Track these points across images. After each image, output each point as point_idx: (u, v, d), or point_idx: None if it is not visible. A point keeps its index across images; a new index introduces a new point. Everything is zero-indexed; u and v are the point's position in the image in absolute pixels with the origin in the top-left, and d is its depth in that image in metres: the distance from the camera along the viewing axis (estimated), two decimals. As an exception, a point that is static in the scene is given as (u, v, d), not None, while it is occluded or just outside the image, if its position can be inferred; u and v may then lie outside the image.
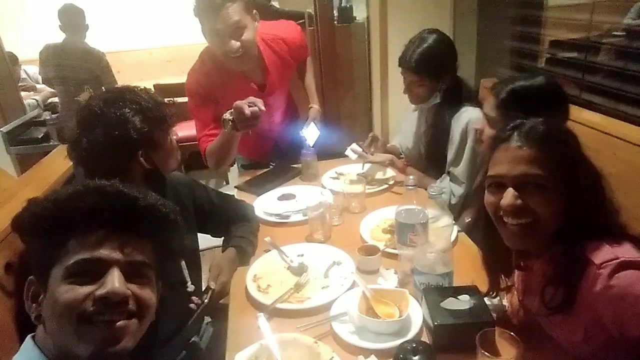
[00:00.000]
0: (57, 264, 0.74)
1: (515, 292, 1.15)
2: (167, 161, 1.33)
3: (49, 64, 3.53)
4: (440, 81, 1.80)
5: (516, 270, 1.11)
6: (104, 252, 0.74)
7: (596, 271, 0.85)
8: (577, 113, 1.84)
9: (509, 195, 0.93)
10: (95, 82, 3.69)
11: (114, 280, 0.72)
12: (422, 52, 1.78)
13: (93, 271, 0.73)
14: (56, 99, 4.12)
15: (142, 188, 0.84)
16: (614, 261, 0.84)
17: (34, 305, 0.77)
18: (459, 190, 1.76)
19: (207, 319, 1.51)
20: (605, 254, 0.86)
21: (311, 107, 2.27)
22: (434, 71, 1.79)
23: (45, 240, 0.76)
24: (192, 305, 1.23)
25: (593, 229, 0.91)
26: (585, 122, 1.74)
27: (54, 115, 3.35)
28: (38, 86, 4.53)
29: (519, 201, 0.92)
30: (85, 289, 0.72)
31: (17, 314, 1.08)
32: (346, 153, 1.97)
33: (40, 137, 3.28)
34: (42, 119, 3.52)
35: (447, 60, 1.81)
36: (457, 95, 1.83)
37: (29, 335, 0.78)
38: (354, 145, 1.96)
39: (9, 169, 2.94)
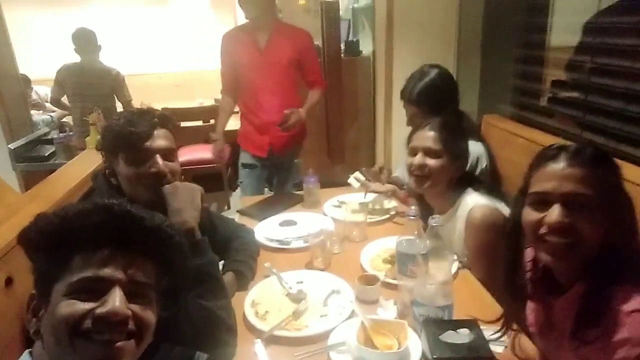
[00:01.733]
0: (60, 280, 0.74)
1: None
2: (129, 183, 1.25)
3: (68, 82, 3.67)
4: (442, 114, 1.83)
5: (530, 305, 1.10)
6: (108, 271, 0.74)
7: (623, 319, 0.84)
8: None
9: (557, 212, 0.91)
10: (111, 97, 3.80)
11: (115, 300, 0.72)
12: (423, 85, 1.86)
13: (95, 289, 0.73)
14: (65, 119, 4.21)
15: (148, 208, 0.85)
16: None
17: (34, 319, 0.76)
18: None
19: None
20: (636, 300, 0.85)
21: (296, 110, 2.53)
22: (435, 104, 1.85)
23: (49, 255, 0.76)
24: None
25: (624, 264, 0.90)
26: None
27: (62, 134, 3.40)
28: (48, 105, 4.61)
29: (567, 219, 0.91)
30: (86, 306, 0.71)
31: (16, 329, 1.07)
32: (349, 181, 1.99)
33: (47, 154, 3.31)
34: (50, 137, 3.57)
35: (448, 93, 1.88)
36: (458, 127, 1.86)
37: (27, 351, 0.77)
38: (357, 174, 1.98)
39: (13, 185, 2.96)
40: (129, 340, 0.74)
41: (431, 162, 1.56)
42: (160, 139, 1.26)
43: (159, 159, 1.24)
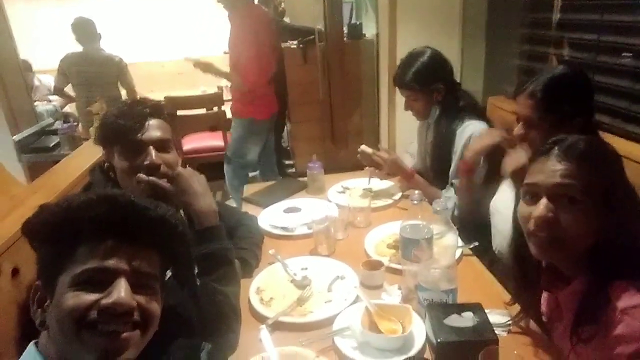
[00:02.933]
0: (65, 271, 0.74)
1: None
2: (125, 176, 1.22)
3: (72, 71, 3.67)
4: (434, 93, 1.86)
5: (544, 294, 1.10)
6: (112, 262, 0.74)
7: (618, 316, 0.84)
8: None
9: (542, 207, 0.92)
10: (115, 85, 3.80)
11: (121, 291, 0.72)
12: (412, 69, 1.87)
13: (100, 280, 0.73)
14: (68, 109, 4.20)
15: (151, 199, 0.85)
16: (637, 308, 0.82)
17: (39, 310, 0.77)
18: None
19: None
20: (630, 297, 0.84)
21: None
22: (425, 84, 1.87)
23: (54, 246, 0.76)
24: None
25: (623, 259, 0.88)
26: None
27: (65, 125, 3.40)
28: (50, 97, 4.61)
29: (550, 214, 0.91)
30: (91, 297, 0.72)
31: (21, 319, 1.08)
32: (359, 150, 1.98)
33: (51, 145, 3.32)
34: (54, 127, 3.58)
35: (437, 73, 1.88)
36: (455, 105, 1.88)
37: (32, 342, 0.78)
38: (364, 147, 1.98)
39: (19, 176, 2.97)
40: (134, 331, 0.74)
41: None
42: (153, 130, 1.22)
43: (152, 150, 1.20)
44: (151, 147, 1.21)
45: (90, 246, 0.74)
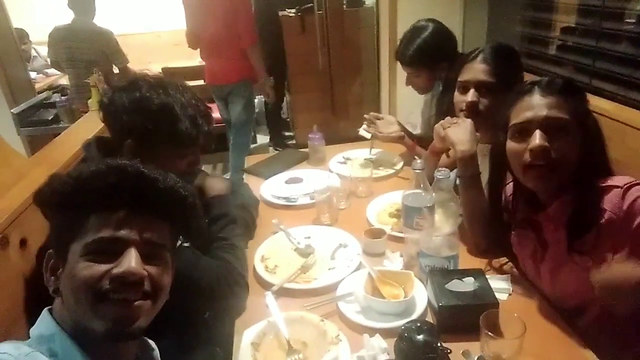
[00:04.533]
0: (77, 240, 0.75)
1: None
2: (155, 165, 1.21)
3: (60, 46, 3.54)
4: (438, 70, 1.83)
5: (517, 236, 1.20)
6: (123, 232, 0.75)
7: (623, 191, 0.96)
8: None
9: (537, 137, 1.01)
10: (105, 63, 3.69)
11: (131, 260, 0.73)
12: (415, 46, 1.83)
13: (111, 250, 0.74)
14: (65, 81, 4.14)
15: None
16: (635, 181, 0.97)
17: (52, 278, 0.78)
18: None
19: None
20: (622, 179, 0.99)
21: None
22: (428, 62, 1.84)
23: (65, 216, 0.77)
24: None
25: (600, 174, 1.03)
26: (595, 109, 1.71)
27: (63, 98, 3.36)
28: (47, 70, 4.54)
29: (546, 143, 1.00)
30: (103, 267, 0.73)
31: (32, 288, 1.11)
32: (360, 133, 1.98)
33: (50, 118, 3.29)
34: (52, 100, 3.53)
35: (442, 49, 1.84)
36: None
37: (46, 308, 0.79)
38: (365, 125, 1.97)
39: (19, 150, 2.97)
40: (146, 300, 0.76)
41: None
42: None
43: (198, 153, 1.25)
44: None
45: (101, 216, 0.75)
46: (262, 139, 4.81)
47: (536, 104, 1.04)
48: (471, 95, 1.41)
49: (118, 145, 1.18)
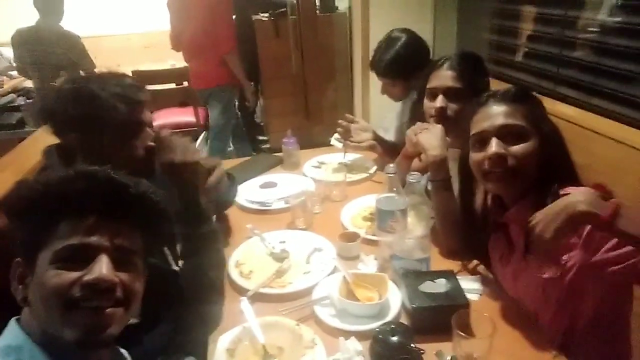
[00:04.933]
0: (45, 247, 0.73)
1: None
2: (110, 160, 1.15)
3: (23, 49, 3.40)
4: (413, 79, 1.86)
5: (492, 240, 1.22)
6: (93, 239, 0.73)
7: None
8: (552, 106, 1.90)
9: (494, 144, 1.06)
10: (72, 68, 3.58)
11: (102, 267, 0.72)
12: (389, 57, 1.86)
13: (81, 257, 0.72)
14: (30, 84, 4.01)
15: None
16: None
17: (20, 287, 0.76)
18: None
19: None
20: (581, 189, 0.99)
21: None
22: (404, 73, 1.87)
23: (33, 223, 0.75)
24: None
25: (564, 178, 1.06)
26: (560, 114, 1.79)
27: (29, 101, 3.25)
28: (12, 73, 4.38)
29: (502, 150, 1.05)
30: (73, 275, 0.71)
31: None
32: (332, 143, 1.99)
33: (14, 122, 3.18)
34: (16, 104, 3.41)
35: (416, 60, 1.86)
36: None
37: (13, 318, 0.77)
38: (338, 135, 1.98)
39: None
40: (118, 307, 0.74)
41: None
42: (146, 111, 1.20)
43: (150, 130, 1.20)
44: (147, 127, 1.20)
45: (70, 222, 0.73)
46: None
47: (492, 114, 1.09)
48: (440, 101, 1.45)
49: (72, 145, 1.17)
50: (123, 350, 0.89)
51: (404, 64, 1.85)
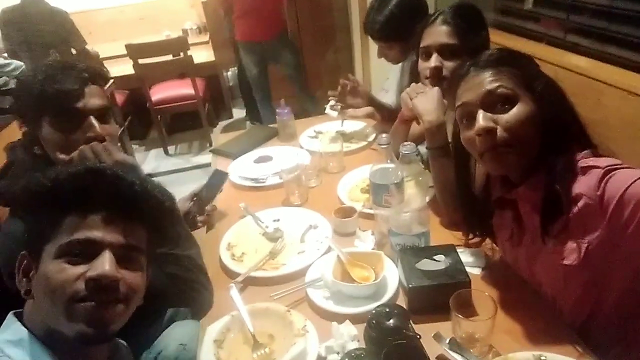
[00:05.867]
0: (51, 241, 0.74)
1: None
2: (59, 152, 1.08)
3: (12, 29, 3.32)
4: (411, 39, 1.70)
5: (498, 219, 1.10)
6: (98, 235, 0.74)
7: (603, 172, 0.85)
8: (560, 56, 1.76)
9: (480, 118, 0.92)
10: (63, 45, 3.49)
11: (105, 263, 0.73)
12: (382, 19, 1.71)
13: (86, 252, 0.74)
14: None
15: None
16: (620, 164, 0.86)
17: (24, 280, 0.77)
18: None
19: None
20: (606, 160, 0.87)
21: None
22: (400, 35, 1.71)
23: (40, 217, 0.77)
24: None
25: (572, 143, 0.92)
26: (569, 66, 1.67)
27: (22, 83, 3.18)
28: (5, 55, 4.31)
29: (490, 123, 0.91)
30: (77, 270, 0.72)
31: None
32: (326, 112, 1.89)
33: (7, 106, 3.13)
34: (9, 87, 3.35)
35: (412, 19, 1.68)
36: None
37: (11, 312, 0.78)
38: (333, 103, 1.88)
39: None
40: (119, 304, 0.75)
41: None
42: (93, 98, 1.09)
43: (94, 121, 1.09)
44: (92, 117, 1.09)
45: (76, 217, 0.75)
46: (238, 113, 4.68)
47: (475, 83, 0.95)
48: (434, 60, 1.32)
49: (23, 136, 1.13)
50: (122, 342, 0.92)
51: (399, 25, 1.70)
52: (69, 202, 0.75)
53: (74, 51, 3.57)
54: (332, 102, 1.88)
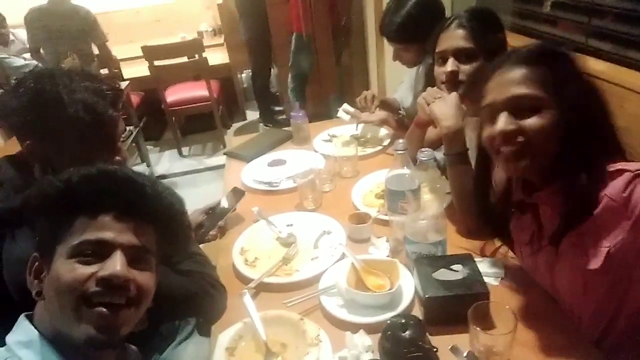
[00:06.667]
0: (63, 242, 0.74)
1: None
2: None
3: (36, 26, 3.44)
4: (427, 41, 1.67)
5: (517, 223, 1.06)
6: (110, 235, 0.75)
7: (632, 176, 0.82)
8: (582, 61, 1.72)
9: (501, 119, 0.89)
10: (84, 42, 3.57)
11: (116, 263, 0.73)
12: (399, 20, 1.69)
13: (97, 253, 0.74)
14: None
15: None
16: None
17: (35, 281, 0.77)
18: None
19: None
20: (636, 164, 0.84)
21: None
22: (417, 37, 1.69)
23: (52, 218, 0.77)
24: None
25: (600, 149, 0.88)
26: (591, 71, 1.60)
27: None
28: (26, 55, 4.38)
29: (511, 126, 0.88)
30: (88, 270, 0.72)
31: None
32: (338, 115, 1.88)
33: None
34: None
35: (430, 21, 1.64)
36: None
37: (23, 314, 0.77)
38: (345, 106, 1.86)
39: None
40: (129, 305, 0.75)
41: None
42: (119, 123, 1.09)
43: (122, 146, 1.12)
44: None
45: (88, 218, 0.75)
46: (252, 114, 4.69)
47: (502, 82, 0.91)
48: (450, 64, 1.30)
49: (26, 152, 1.04)
50: (132, 347, 0.90)
51: (417, 26, 1.67)
52: (81, 203, 0.76)
53: (95, 49, 3.65)
54: (344, 106, 1.87)
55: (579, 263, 0.89)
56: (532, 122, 0.87)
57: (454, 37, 1.30)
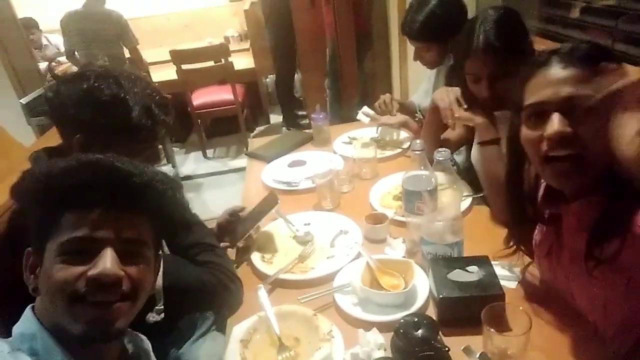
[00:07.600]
0: (52, 238, 0.72)
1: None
2: None
3: (71, 29, 3.60)
4: (450, 42, 1.66)
5: (539, 228, 1.03)
6: (98, 232, 0.71)
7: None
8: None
9: (556, 121, 0.79)
10: (117, 45, 3.70)
11: (106, 261, 0.70)
12: (421, 19, 1.68)
13: (87, 250, 0.71)
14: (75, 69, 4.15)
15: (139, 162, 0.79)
16: None
17: (31, 276, 0.75)
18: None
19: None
20: None
21: None
22: (439, 36, 1.68)
23: (40, 214, 0.74)
24: None
25: None
26: None
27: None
28: (60, 58, 4.55)
29: (568, 128, 0.79)
30: (78, 269, 0.70)
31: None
32: (358, 117, 1.89)
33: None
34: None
35: (453, 20, 1.65)
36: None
37: (29, 306, 0.77)
38: (365, 109, 1.87)
39: (30, 140, 2.98)
40: (124, 301, 0.72)
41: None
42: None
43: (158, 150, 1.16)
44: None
45: (75, 214, 0.71)
46: (275, 118, 4.74)
47: (555, 80, 0.82)
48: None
49: (67, 145, 1.07)
50: (141, 336, 0.88)
51: (437, 26, 1.67)
52: (65, 198, 0.72)
53: (127, 53, 3.77)
54: (364, 109, 1.88)
55: (598, 285, 0.85)
56: (589, 128, 0.78)
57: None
